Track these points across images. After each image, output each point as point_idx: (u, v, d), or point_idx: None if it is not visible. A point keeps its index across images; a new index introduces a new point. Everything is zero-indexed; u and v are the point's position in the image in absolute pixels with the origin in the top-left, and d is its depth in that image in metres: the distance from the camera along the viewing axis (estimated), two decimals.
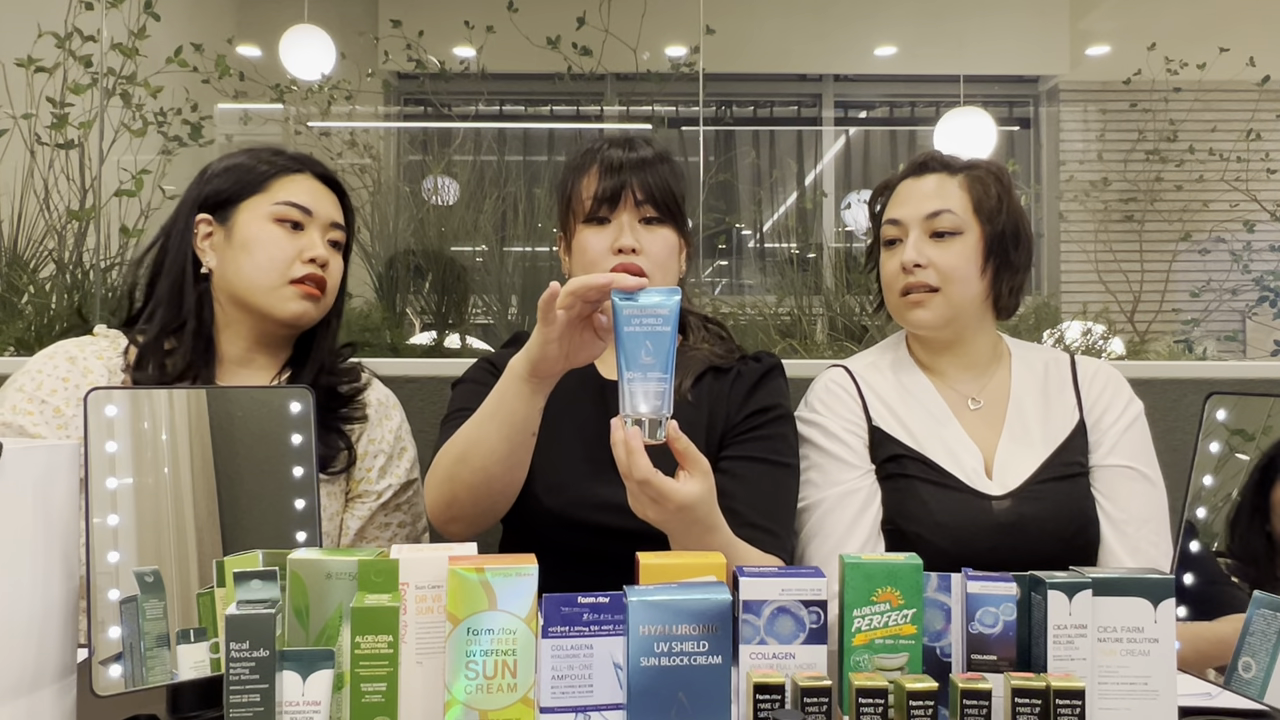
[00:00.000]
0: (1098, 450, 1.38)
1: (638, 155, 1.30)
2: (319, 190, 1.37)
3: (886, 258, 1.43)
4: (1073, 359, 1.45)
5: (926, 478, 1.35)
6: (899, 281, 1.40)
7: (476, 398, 1.21)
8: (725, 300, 3.27)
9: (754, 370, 1.37)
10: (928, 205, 1.39)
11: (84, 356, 1.30)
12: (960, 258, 1.37)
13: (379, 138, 4.34)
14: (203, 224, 1.35)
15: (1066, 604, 0.88)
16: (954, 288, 1.37)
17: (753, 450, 1.32)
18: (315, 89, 3.70)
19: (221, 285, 1.34)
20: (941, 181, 1.41)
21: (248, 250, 1.31)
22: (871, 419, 1.40)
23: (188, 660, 0.93)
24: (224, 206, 1.34)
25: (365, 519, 1.37)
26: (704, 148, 4.57)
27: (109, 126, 2.52)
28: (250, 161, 1.36)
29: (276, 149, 1.40)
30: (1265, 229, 4.33)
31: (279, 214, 1.33)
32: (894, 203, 1.44)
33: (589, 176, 1.31)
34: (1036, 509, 1.32)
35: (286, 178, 1.35)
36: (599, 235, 1.30)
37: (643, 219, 1.30)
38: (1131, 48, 4.45)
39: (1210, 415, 1.05)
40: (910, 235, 1.39)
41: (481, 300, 2.85)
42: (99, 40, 2.51)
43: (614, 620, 0.85)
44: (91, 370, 1.29)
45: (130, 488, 0.93)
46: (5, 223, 2.33)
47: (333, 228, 1.37)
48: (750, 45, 5.50)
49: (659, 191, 1.30)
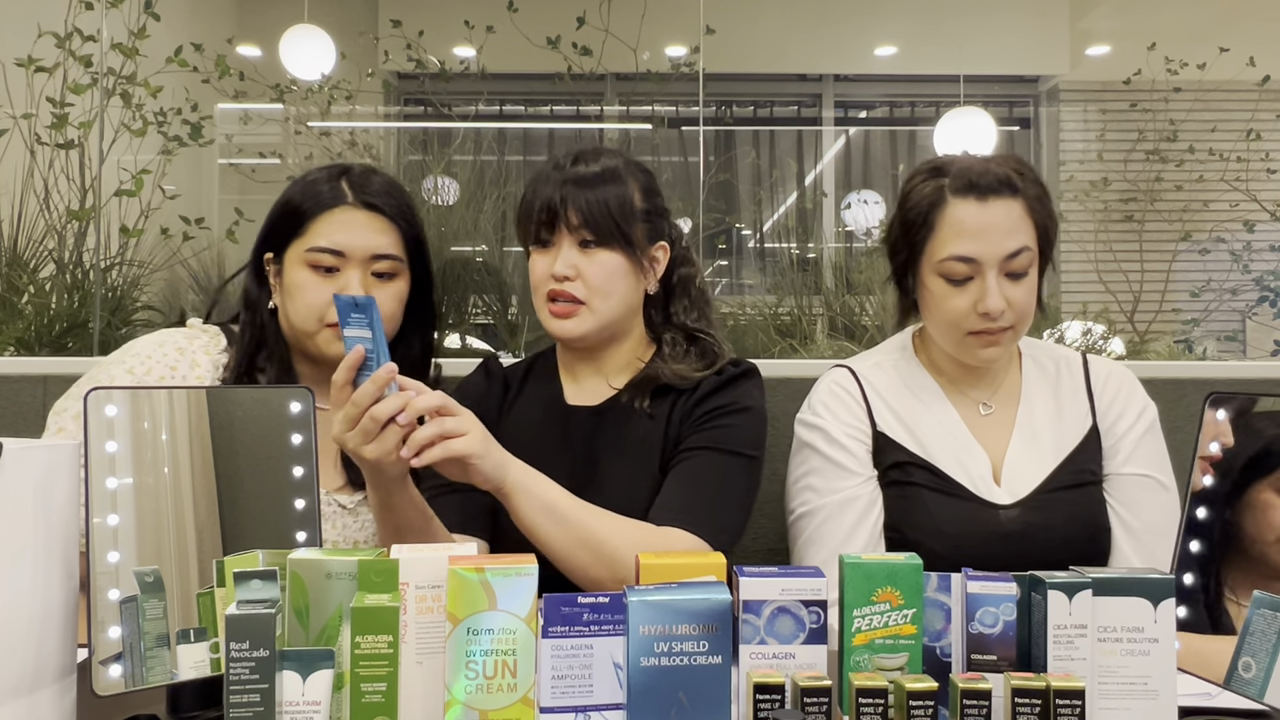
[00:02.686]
0: (1114, 458, 1.34)
1: (580, 172, 1.26)
2: (357, 223, 1.30)
3: (950, 292, 1.30)
4: (1085, 359, 1.41)
5: (932, 486, 1.32)
6: (970, 322, 1.29)
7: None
8: (725, 300, 3.27)
9: (713, 381, 1.32)
10: (1007, 244, 1.27)
11: (193, 349, 1.31)
12: (1031, 293, 1.31)
13: (379, 138, 4.35)
14: (269, 264, 1.35)
15: (1066, 604, 0.88)
16: (1024, 324, 1.32)
17: (696, 440, 1.28)
18: (315, 89, 3.70)
19: (284, 322, 1.35)
20: (1008, 210, 1.28)
21: (290, 296, 1.31)
22: (876, 424, 1.37)
23: (188, 660, 0.93)
24: (280, 248, 1.34)
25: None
26: (704, 148, 4.58)
27: (109, 126, 2.53)
28: (297, 198, 1.32)
29: (331, 173, 1.34)
30: (1265, 229, 4.33)
31: (311, 260, 1.30)
32: (961, 234, 1.28)
33: (534, 196, 1.29)
34: (1045, 518, 1.29)
35: (324, 216, 1.30)
36: (541, 259, 1.29)
37: (581, 242, 1.27)
38: (1131, 48, 4.45)
39: (1210, 415, 1.04)
40: (988, 278, 1.27)
41: (481, 300, 2.85)
42: (99, 40, 2.51)
43: (614, 620, 0.85)
44: (199, 364, 1.30)
45: (130, 488, 0.93)
46: (5, 223, 2.33)
47: (376, 259, 1.31)
48: (750, 45, 5.50)
49: (597, 213, 1.24)
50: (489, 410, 1.36)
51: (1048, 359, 1.42)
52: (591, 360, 1.37)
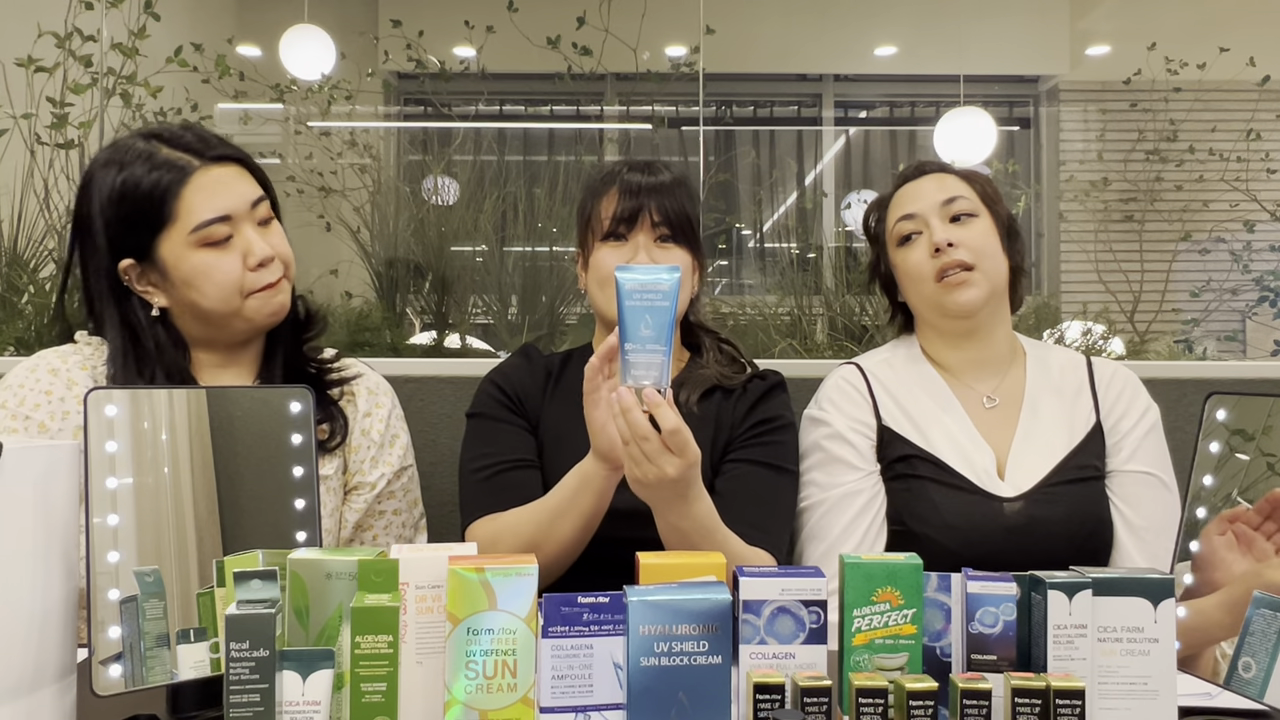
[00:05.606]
0: (1117, 455, 1.36)
1: (656, 180, 1.38)
2: (222, 179, 1.23)
3: (907, 253, 1.42)
4: (1089, 361, 1.44)
5: (937, 479, 1.34)
6: (930, 267, 1.38)
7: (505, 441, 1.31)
8: (725, 300, 3.27)
9: (759, 387, 1.42)
10: (939, 195, 1.41)
11: (67, 368, 1.26)
12: (984, 237, 1.39)
13: (379, 138, 4.35)
14: (130, 269, 1.24)
15: (1066, 604, 0.88)
16: (987, 263, 1.37)
17: (752, 455, 1.36)
18: (315, 89, 3.70)
19: (182, 319, 1.27)
20: (940, 178, 1.44)
21: (192, 285, 1.22)
22: (881, 418, 1.39)
23: (188, 660, 0.93)
24: (139, 249, 1.22)
25: (362, 511, 1.36)
26: (704, 148, 4.58)
27: (109, 126, 2.53)
28: (136, 187, 1.20)
29: (143, 152, 1.21)
30: (1265, 229, 4.33)
31: (201, 239, 1.20)
32: (899, 204, 1.45)
33: (608, 198, 1.38)
34: (1048, 511, 1.31)
35: (184, 190, 1.20)
36: (616, 252, 1.36)
37: (658, 238, 1.37)
38: (1131, 48, 4.45)
39: (1210, 415, 1.04)
40: (931, 222, 1.39)
41: (481, 300, 2.85)
42: (99, 40, 2.51)
43: (614, 620, 0.85)
44: (76, 382, 1.25)
45: (130, 488, 0.93)
46: (5, 223, 2.33)
47: (255, 207, 1.25)
48: (750, 45, 5.51)
49: (675, 214, 1.37)
50: (533, 389, 1.43)
51: (1052, 359, 1.45)
52: None
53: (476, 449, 1.38)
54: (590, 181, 1.44)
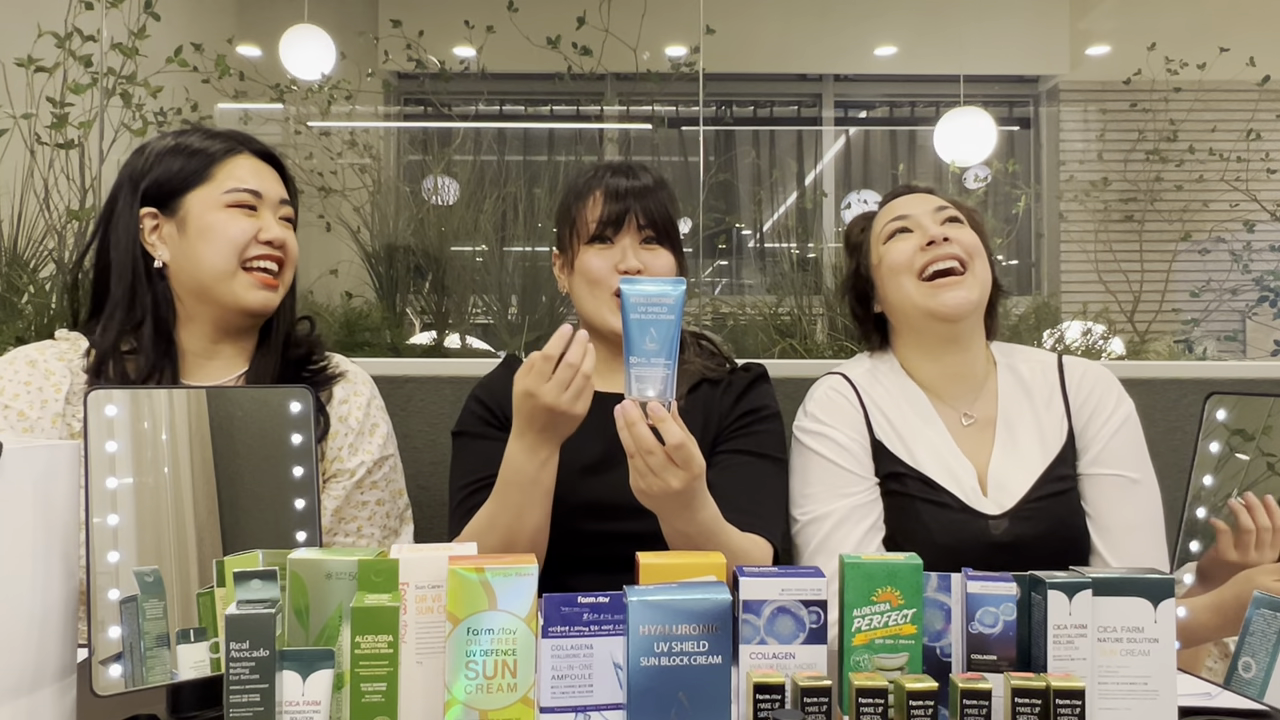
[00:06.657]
0: (1084, 456, 1.36)
1: (639, 183, 1.40)
2: (262, 169, 1.36)
3: (894, 244, 1.41)
4: (1060, 361, 1.43)
5: (926, 497, 1.33)
6: (918, 261, 1.37)
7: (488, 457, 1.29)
8: (725, 300, 3.27)
9: (744, 378, 1.45)
10: (932, 204, 1.43)
11: (44, 360, 1.29)
12: (975, 240, 1.40)
13: (379, 138, 4.35)
14: (148, 218, 1.32)
15: (1066, 604, 0.88)
16: (978, 264, 1.37)
17: (741, 445, 1.37)
18: (315, 89, 3.70)
19: (179, 278, 1.33)
20: (930, 197, 1.46)
21: (205, 238, 1.30)
22: (874, 432, 1.38)
23: (188, 660, 0.93)
24: (170, 198, 1.32)
25: (341, 499, 1.36)
26: (704, 148, 4.58)
27: (109, 126, 2.52)
28: (187, 148, 1.33)
29: (207, 130, 1.37)
30: (1265, 229, 4.33)
31: (231, 200, 1.31)
32: (890, 211, 1.45)
33: (592, 201, 1.39)
34: (1034, 528, 1.31)
35: (229, 161, 1.34)
36: (602, 255, 1.37)
37: (643, 240, 1.39)
38: (1131, 48, 4.45)
39: (1210, 415, 1.05)
40: (924, 222, 1.40)
41: (481, 300, 2.85)
42: (99, 40, 2.51)
43: (614, 620, 0.85)
44: (54, 373, 1.28)
45: (130, 488, 0.93)
46: (5, 223, 2.33)
47: (282, 204, 1.37)
48: (750, 45, 5.51)
49: (659, 217, 1.39)
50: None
51: (1023, 364, 1.44)
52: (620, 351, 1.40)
53: (462, 468, 1.39)
54: (571, 184, 1.46)
